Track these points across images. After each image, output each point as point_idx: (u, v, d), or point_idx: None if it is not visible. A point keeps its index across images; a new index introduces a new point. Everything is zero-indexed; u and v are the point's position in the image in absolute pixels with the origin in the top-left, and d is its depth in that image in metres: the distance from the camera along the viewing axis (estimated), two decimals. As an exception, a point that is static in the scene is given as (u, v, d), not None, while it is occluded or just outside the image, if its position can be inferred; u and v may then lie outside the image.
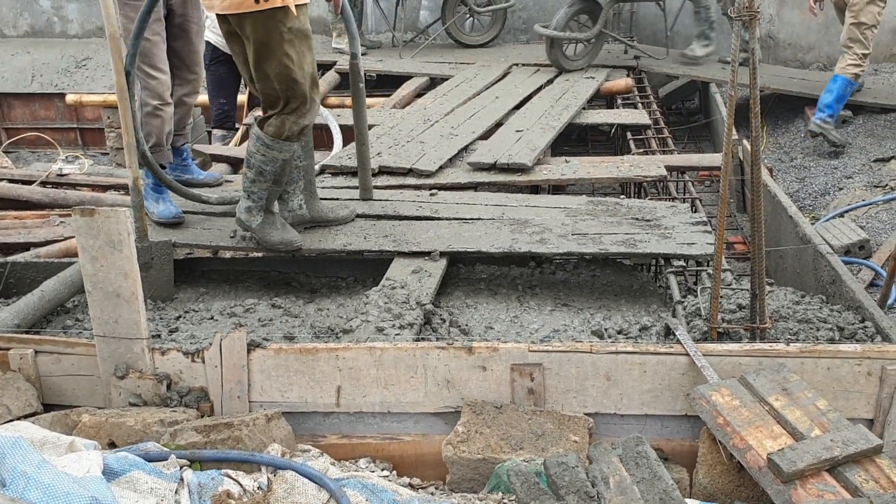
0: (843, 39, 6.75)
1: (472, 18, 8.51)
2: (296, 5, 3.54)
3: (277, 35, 3.55)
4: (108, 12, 3.55)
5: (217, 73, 6.59)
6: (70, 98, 7.57)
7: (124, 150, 3.84)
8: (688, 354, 2.88)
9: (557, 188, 5.35)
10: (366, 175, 4.56)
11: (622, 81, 6.83)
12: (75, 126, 8.59)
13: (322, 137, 6.52)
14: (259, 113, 5.81)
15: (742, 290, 3.46)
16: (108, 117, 7.32)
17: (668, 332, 3.26)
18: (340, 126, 5.71)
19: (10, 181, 5.87)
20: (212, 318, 3.77)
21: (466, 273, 4.21)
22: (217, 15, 3.69)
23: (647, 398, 2.94)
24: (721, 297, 3.33)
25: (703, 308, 3.38)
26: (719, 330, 3.15)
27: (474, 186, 4.80)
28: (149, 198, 4.30)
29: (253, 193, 3.92)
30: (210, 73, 6.44)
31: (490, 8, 8.31)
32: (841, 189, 6.36)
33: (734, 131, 6.00)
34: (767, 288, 3.58)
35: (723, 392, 2.67)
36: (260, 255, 4.62)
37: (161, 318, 3.76)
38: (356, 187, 4.71)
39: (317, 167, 4.95)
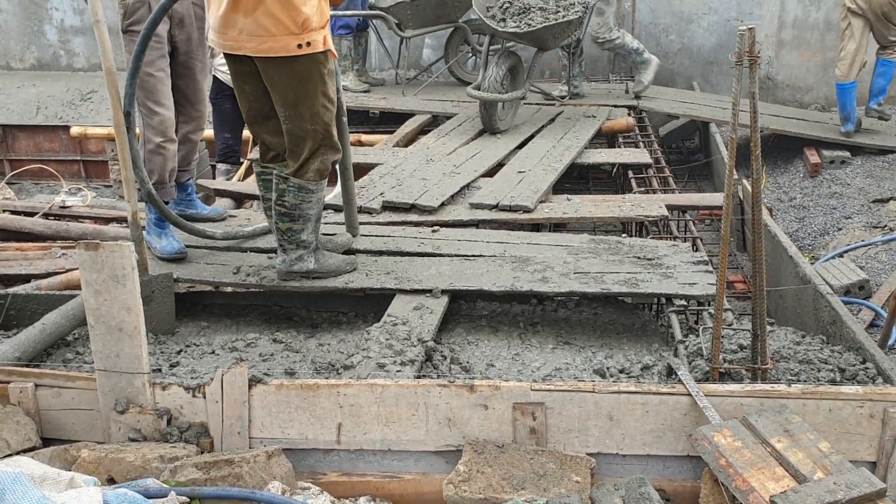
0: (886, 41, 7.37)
1: (474, 57, 8.61)
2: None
3: (317, 76, 3.58)
4: (104, 47, 3.58)
5: (222, 108, 6.66)
6: (74, 130, 7.64)
7: (123, 183, 3.86)
8: (690, 395, 2.87)
9: (559, 226, 5.38)
10: (351, 211, 4.57)
11: (623, 120, 6.90)
12: (79, 158, 8.65)
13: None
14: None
15: (743, 330, 3.47)
16: (112, 150, 7.37)
17: (671, 373, 3.25)
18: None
19: (13, 212, 5.89)
20: (213, 352, 3.77)
21: (468, 309, 4.21)
22: (229, 55, 3.70)
23: (650, 438, 2.93)
24: (722, 337, 3.33)
25: (705, 348, 3.38)
26: (721, 370, 3.15)
27: (476, 224, 4.81)
28: (151, 233, 4.31)
29: (302, 242, 3.93)
30: (216, 107, 6.51)
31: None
32: (840, 229, 6.40)
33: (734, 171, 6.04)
34: (768, 328, 3.59)
35: (725, 433, 2.67)
36: (261, 290, 4.63)
37: (162, 353, 3.75)
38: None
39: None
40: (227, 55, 3.73)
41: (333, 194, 5.20)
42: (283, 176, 3.82)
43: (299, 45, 3.48)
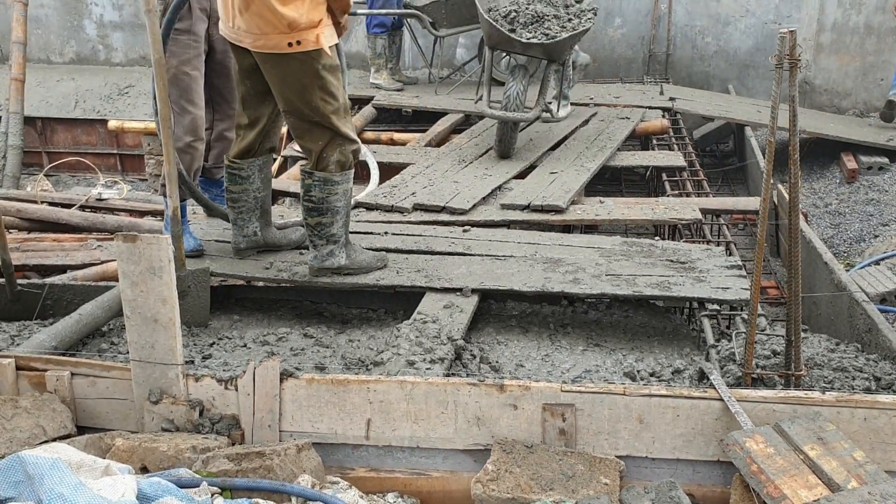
0: None
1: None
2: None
3: (311, 73, 3.63)
4: (154, 37, 3.61)
5: None
6: (112, 124, 7.74)
7: (165, 179, 3.90)
8: (722, 399, 2.85)
9: (590, 228, 5.35)
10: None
11: (657, 122, 6.85)
12: (115, 152, 8.77)
13: (358, 171, 6.60)
14: (296, 146, 5.88)
15: (777, 336, 3.43)
16: (149, 144, 7.46)
17: (702, 377, 3.23)
18: (378, 163, 5.77)
19: (51, 204, 5.99)
20: (245, 345, 3.80)
21: (498, 309, 4.21)
22: (236, 48, 3.77)
23: (680, 442, 2.91)
24: (756, 342, 3.29)
25: (738, 353, 3.35)
26: (753, 376, 3.11)
27: (507, 224, 4.81)
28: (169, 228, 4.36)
29: (332, 236, 3.98)
30: None
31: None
32: (877, 236, 6.30)
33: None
34: (802, 335, 3.54)
35: (757, 439, 2.64)
36: (293, 286, 4.67)
37: (195, 345, 3.80)
38: (388, 222, 4.76)
39: (351, 202, 5.00)
40: (232, 47, 3.82)
41: (365, 193, 5.22)
42: (308, 171, 3.88)
43: (289, 44, 3.57)
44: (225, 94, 4.49)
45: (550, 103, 6.05)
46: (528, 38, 5.44)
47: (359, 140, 3.99)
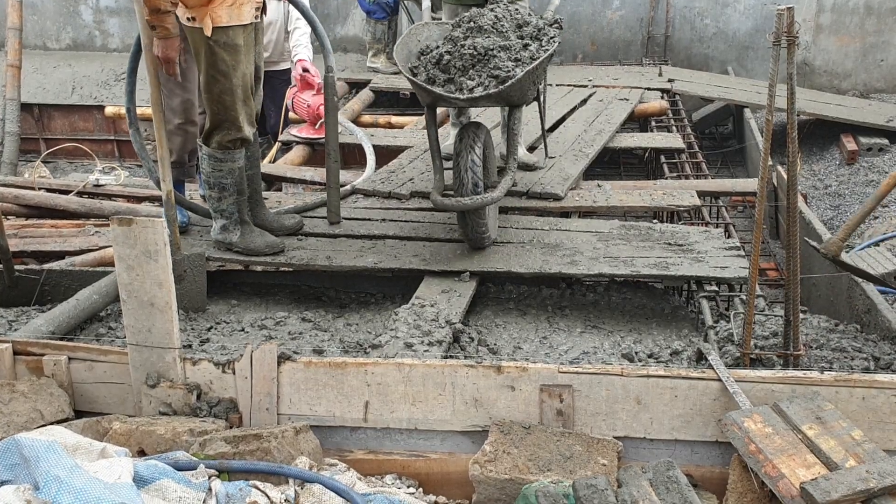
0: None
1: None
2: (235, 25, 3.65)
3: (204, 50, 3.71)
4: (143, 23, 3.62)
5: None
6: (109, 110, 7.71)
7: (158, 163, 3.88)
8: (720, 380, 2.84)
9: (588, 212, 5.33)
10: (334, 197, 4.55)
11: (656, 104, 6.81)
12: (113, 138, 8.72)
13: (355, 155, 6.57)
14: (295, 131, 5.86)
15: (775, 316, 3.42)
16: (146, 130, 7.43)
17: (700, 357, 3.22)
18: (374, 147, 5.74)
19: (48, 190, 5.97)
20: (242, 329, 3.80)
21: (496, 293, 4.20)
22: None
23: (678, 423, 2.90)
24: (754, 323, 3.28)
25: (736, 334, 3.35)
26: (752, 356, 3.11)
27: (505, 211, 4.77)
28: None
29: (223, 211, 4.06)
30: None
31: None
32: (876, 218, 6.28)
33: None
34: (801, 315, 3.54)
35: (755, 419, 2.64)
36: (290, 269, 4.66)
37: (193, 329, 3.79)
38: (386, 209, 4.74)
39: (347, 188, 4.99)
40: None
41: (362, 179, 5.20)
42: (199, 143, 4.02)
43: (188, 19, 3.66)
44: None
45: (518, 159, 4.71)
46: (471, 88, 3.89)
47: (247, 130, 3.91)
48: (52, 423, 2.82)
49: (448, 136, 5.30)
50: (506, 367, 2.94)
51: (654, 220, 4.97)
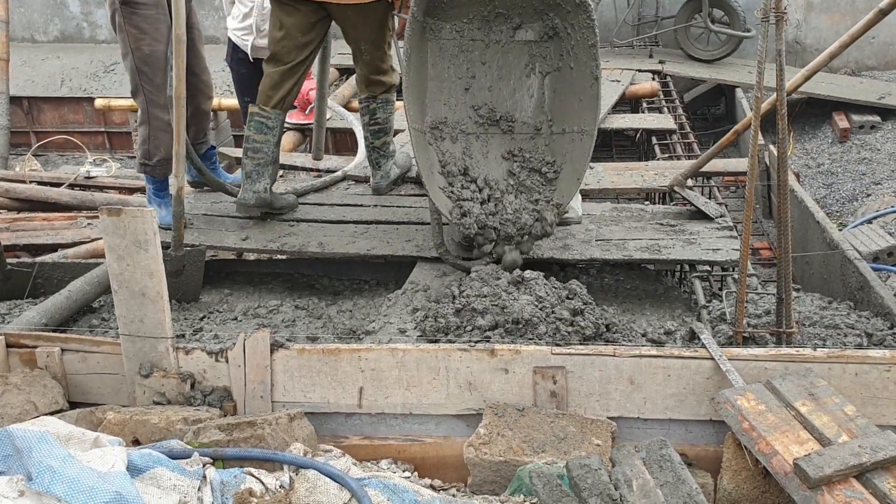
0: None
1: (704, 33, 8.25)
2: None
3: (389, 22, 4.13)
4: (178, 13, 3.51)
5: (239, 73, 6.58)
6: (99, 102, 7.67)
7: (173, 158, 3.78)
8: (713, 359, 2.85)
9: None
10: (320, 135, 4.72)
11: (647, 85, 6.81)
12: (103, 130, 8.71)
13: (346, 142, 6.55)
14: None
15: (768, 294, 3.42)
16: (136, 121, 7.40)
17: (693, 337, 3.23)
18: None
19: (39, 183, 5.95)
20: (235, 318, 3.80)
21: (489, 276, 4.19)
22: (310, 4, 3.96)
23: (671, 402, 2.91)
24: (747, 302, 3.29)
25: (729, 313, 3.35)
26: (745, 334, 3.11)
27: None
28: (152, 202, 4.30)
29: (391, 152, 4.65)
30: (233, 72, 6.43)
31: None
32: (869, 195, 6.30)
33: (761, 136, 5.96)
34: (794, 294, 3.54)
35: (748, 397, 2.64)
36: (283, 257, 4.65)
37: (186, 319, 3.79)
38: (378, 194, 4.73)
39: (339, 174, 4.98)
40: (305, 3, 3.96)
41: (353, 164, 5.18)
42: (372, 96, 4.42)
43: None
44: (192, 65, 4.14)
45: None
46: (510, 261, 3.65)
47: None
48: (46, 415, 2.82)
49: None
50: (499, 350, 2.94)
51: (646, 202, 4.97)
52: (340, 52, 8.53)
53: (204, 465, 2.38)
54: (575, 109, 3.76)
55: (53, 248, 4.94)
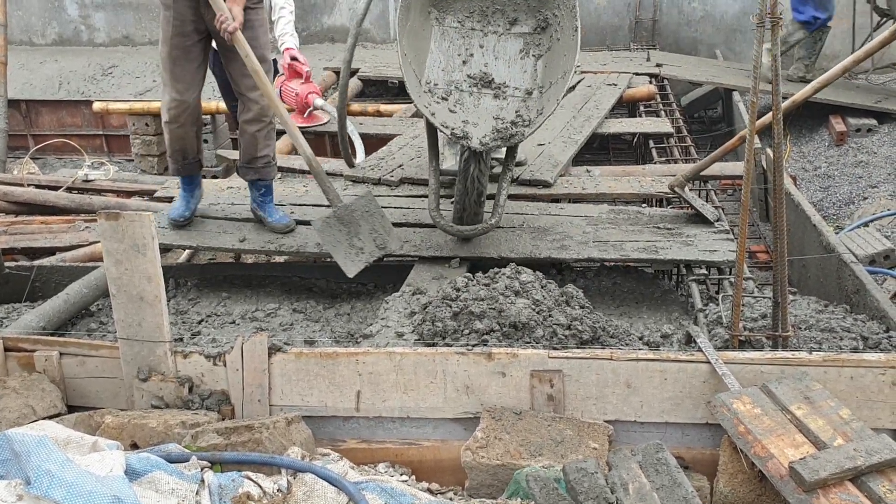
0: None
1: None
2: None
3: None
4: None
5: (223, 78, 6.58)
6: (97, 105, 7.68)
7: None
8: (709, 362, 2.86)
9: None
10: (345, 142, 4.63)
11: (644, 88, 6.81)
12: (101, 133, 8.70)
13: (323, 144, 6.56)
14: None
15: (764, 297, 3.44)
16: (134, 124, 7.42)
17: (690, 340, 3.24)
18: (361, 135, 5.74)
19: (37, 187, 5.96)
20: (233, 322, 3.80)
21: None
22: None
23: (668, 406, 2.92)
24: (743, 305, 3.30)
25: (725, 316, 3.36)
26: (741, 338, 3.12)
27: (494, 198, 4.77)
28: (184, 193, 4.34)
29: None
30: (217, 77, 6.41)
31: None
32: (866, 198, 6.30)
33: (757, 139, 5.96)
34: (790, 297, 3.55)
35: (744, 400, 2.66)
36: (281, 259, 4.67)
37: (184, 322, 3.80)
38: (376, 196, 4.73)
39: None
40: None
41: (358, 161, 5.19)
42: None
43: None
44: (237, 81, 4.06)
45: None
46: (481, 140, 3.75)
47: None
48: (44, 419, 2.82)
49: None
50: (496, 354, 2.95)
51: (643, 205, 4.98)
52: (335, 55, 8.56)
53: (202, 469, 2.38)
54: (560, 64, 4.00)
55: (51, 251, 4.94)
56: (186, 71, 3.96)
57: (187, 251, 4.70)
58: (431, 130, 4.13)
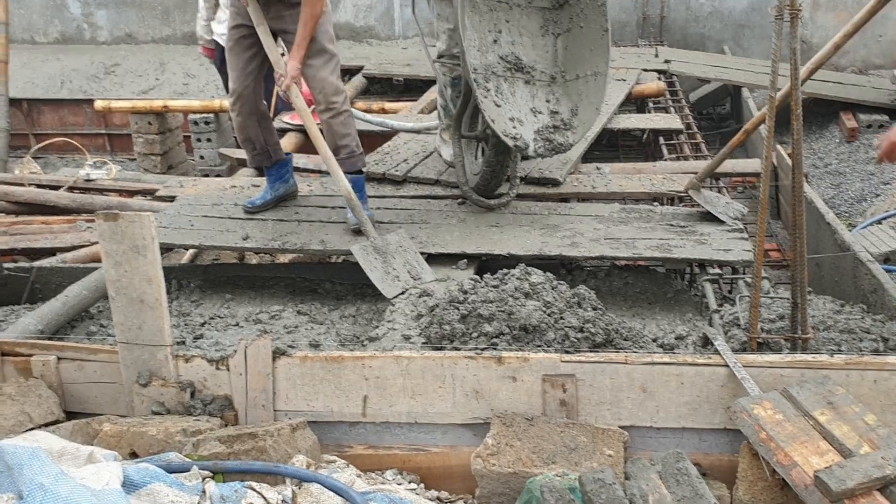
0: None
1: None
2: None
3: None
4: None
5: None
6: (99, 104, 7.60)
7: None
8: (727, 366, 2.76)
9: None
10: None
11: (653, 85, 6.72)
12: (103, 132, 8.63)
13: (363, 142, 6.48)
14: (287, 118, 5.75)
15: (781, 298, 3.34)
16: (136, 123, 7.33)
17: (706, 342, 3.14)
18: (366, 133, 5.66)
19: (38, 186, 5.87)
20: (237, 324, 3.72)
21: (495, 280, 4.11)
22: None
23: (685, 411, 2.83)
24: (760, 306, 3.20)
25: (742, 317, 3.26)
26: (759, 340, 3.03)
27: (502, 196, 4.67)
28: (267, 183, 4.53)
29: None
30: (223, 74, 6.36)
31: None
32: (878, 195, 6.21)
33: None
34: (807, 297, 3.45)
35: (765, 405, 2.56)
36: (285, 261, 4.59)
37: (186, 325, 3.71)
38: (381, 196, 4.65)
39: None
40: None
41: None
42: None
43: None
44: (308, 78, 4.15)
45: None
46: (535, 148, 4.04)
47: None
48: (41, 426, 2.74)
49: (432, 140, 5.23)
50: (507, 358, 2.86)
51: (655, 203, 4.89)
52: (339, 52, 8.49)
53: (203, 480, 2.30)
54: (586, 58, 4.21)
55: (52, 252, 4.86)
56: (239, 61, 4.17)
57: (190, 251, 4.63)
58: (467, 101, 4.33)
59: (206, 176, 6.71)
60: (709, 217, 4.23)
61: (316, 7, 3.94)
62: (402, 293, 3.66)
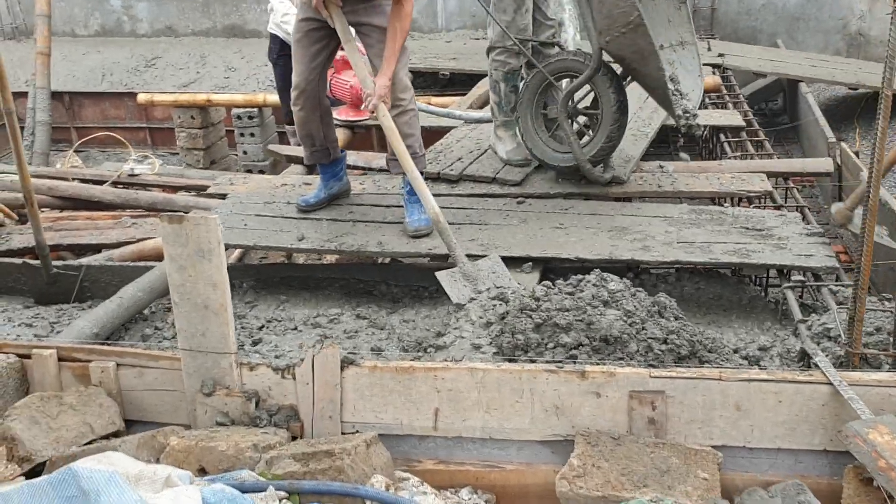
0: None
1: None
2: None
3: None
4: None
5: (285, 69, 6.38)
6: (141, 98, 7.51)
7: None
8: (830, 384, 2.58)
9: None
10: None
11: (710, 79, 6.47)
12: (145, 125, 8.54)
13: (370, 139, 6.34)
14: (335, 114, 5.61)
15: (879, 310, 3.13)
16: (179, 117, 7.23)
17: (803, 357, 2.95)
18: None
19: (82, 181, 5.79)
20: (295, 328, 3.59)
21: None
22: None
23: (781, 431, 2.64)
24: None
25: (842, 330, 3.04)
26: (861, 356, 2.83)
27: (563, 195, 4.48)
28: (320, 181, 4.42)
29: None
30: (276, 68, 6.23)
31: None
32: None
33: (830, 132, 5.58)
34: (889, 305, 3.24)
35: (881, 430, 2.37)
36: (339, 255, 4.44)
37: (243, 328, 3.58)
38: (436, 195, 4.47)
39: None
40: None
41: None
42: None
43: None
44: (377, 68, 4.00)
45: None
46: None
47: None
48: (102, 437, 2.62)
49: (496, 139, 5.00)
50: (590, 372, 2.69)
51: (725, 203, 4.69)
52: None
53: (280, 501, 2.16)
54: (666, 28, 4.31)
55: (98, 248, 4.76)
56: (307, 54, 4.05)
57: (237, 251, 4.49)
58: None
59: (249, 172, 6.58)
60: (784, 219, 4.02)
61: (406, 22, 3.83)
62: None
